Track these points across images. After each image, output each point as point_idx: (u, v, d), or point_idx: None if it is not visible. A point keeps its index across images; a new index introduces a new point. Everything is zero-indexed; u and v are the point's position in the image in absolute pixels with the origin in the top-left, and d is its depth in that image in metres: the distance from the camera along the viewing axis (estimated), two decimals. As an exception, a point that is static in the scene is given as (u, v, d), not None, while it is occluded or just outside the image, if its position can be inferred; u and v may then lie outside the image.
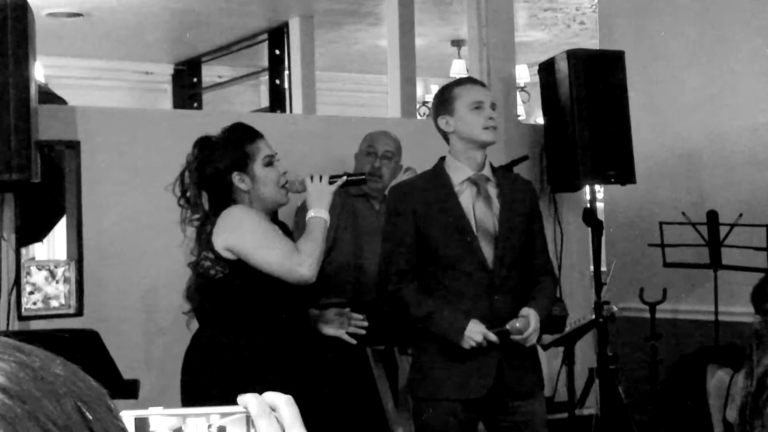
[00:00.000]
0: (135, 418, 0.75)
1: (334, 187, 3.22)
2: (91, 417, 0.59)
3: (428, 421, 3.32)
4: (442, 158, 3.43)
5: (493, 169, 3.45)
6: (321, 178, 3.22)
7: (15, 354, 0.60)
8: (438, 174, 3.39)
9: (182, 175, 3.21)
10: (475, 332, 3.19)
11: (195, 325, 3.22)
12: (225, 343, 3.10)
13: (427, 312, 3.26)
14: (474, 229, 3.30)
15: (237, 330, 3.11)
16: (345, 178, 3.27)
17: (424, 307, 3.27)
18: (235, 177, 3.17)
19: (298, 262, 3.06)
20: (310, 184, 3.21)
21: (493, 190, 3.37)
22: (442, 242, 3.30)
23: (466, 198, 3.34)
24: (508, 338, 3.23)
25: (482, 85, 3.54)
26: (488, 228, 3.31)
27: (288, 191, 3.25)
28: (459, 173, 3.36)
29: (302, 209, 3.93)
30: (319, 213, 3.17)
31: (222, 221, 3.10)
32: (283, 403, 0.78)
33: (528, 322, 3.22)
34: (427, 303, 3.27)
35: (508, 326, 3.21)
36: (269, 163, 3.21)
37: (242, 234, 3.08)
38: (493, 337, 3.20)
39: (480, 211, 3.33)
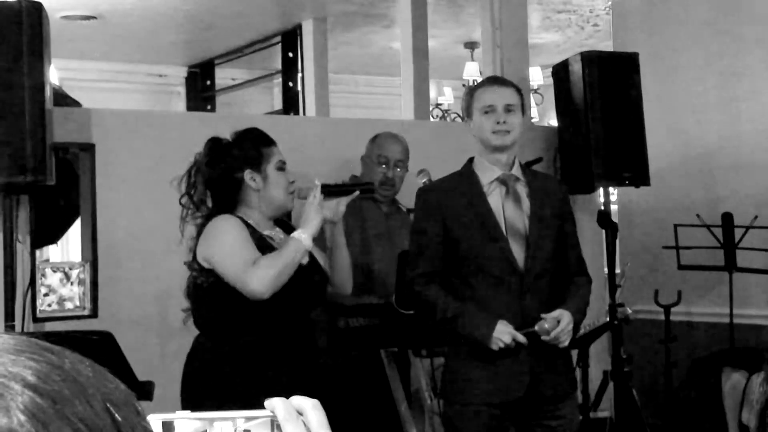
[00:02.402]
0: (162, 422, 0.75)
1: (332, 211, 3.20)
2: (119, 418, 0.60)
3: (460, 426, 3.27)
4: (471, 159, 3.39)
5: (524, 169, 3.40)
6: (329, 187, 3.23)
7: (45, 354, 0.60)
8: (466, 175, 3.34)
9: (189, 173, 3.21)
10: (503, 333, 3.14)
11: (192, 323, 3.26)
12: (216, 349, 3.12)
13: (454, 313, 3.21)
14: (504, 230, 3.25)
15: (226, 336, 3.12)
16: (357, 193, 3.29)
17: (451, 308, 3.21)
18: (248, 174, 3.17)
19: (250, 275, 3.00)
20: (311, 200, 3.17)
21: (523, 190, 3.31)
22: (471, 245, 3.24)
23: (495, 198, 3.29)
24: (538, 340, 3.17)
25: (501, 84, 3.44)
26: (518, 228, 3.26)
27: (294, 198, 3.27)
28: (488, 173, 3.31)
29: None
30: (302, 235, 3.10)
31: (204, 232, 3.11)
32: (310, 407, 0.79)
33: (557, 322, 3.16)
34: (454, 304, 3.22)
35: (536, 327, 3.17)
36: (281, 168, 3.22)
37: (213, 243, 3.09)
38: (521, 338, 3.15)
39: (510, 211, 3.27)
